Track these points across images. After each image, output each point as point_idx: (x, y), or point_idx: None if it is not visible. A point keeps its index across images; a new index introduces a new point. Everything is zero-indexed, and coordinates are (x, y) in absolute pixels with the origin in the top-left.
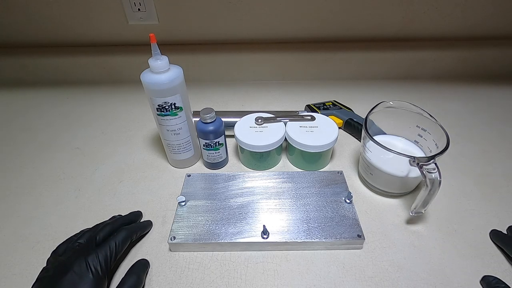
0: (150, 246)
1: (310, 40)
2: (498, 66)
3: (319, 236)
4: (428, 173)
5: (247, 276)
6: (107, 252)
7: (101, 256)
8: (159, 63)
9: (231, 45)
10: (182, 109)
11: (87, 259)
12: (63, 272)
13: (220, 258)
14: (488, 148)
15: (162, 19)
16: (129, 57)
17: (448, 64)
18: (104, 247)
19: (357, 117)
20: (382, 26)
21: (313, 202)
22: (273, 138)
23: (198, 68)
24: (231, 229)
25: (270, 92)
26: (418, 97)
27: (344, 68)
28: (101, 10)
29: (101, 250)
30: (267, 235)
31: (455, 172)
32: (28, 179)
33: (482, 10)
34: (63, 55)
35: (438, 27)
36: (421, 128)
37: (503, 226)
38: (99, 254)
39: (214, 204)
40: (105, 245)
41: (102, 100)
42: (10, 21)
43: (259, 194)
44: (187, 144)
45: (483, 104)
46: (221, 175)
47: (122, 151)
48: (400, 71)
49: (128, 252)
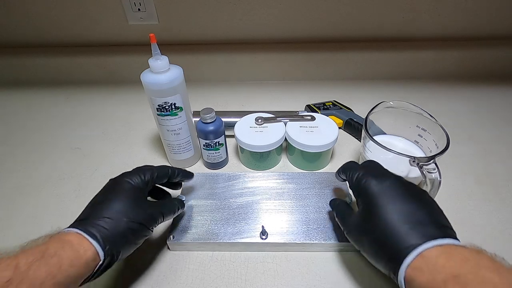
0: (149, 245)
1: (310, 40)
2: (498, 66)
3: (318, 237)
4: (428, 173)
5: (247, 276)
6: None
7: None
8: (159, 63)
9: (231, 45)
10: (182, 109)
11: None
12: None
13: (220, 258)
14: (488, 148)
15: (162, 19)
16: (129, 57)
17: (448, 64)
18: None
19: (357, 117)
20: (382, 26)
21: (313, 203)
22: (273, 138)
23: (198, 68)
24: (230, 229)
25: (270, 92)
26: (418, 97)
27: (344, 68)
28: (101, 10)
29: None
30: (266, 236)
31: (455, 172)
32: (28, 179)
33: (482, 10)
34: (63, 55)
35: (438, 27)
36: (421, 128)
37: (503, 226)
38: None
39: (214, 204)
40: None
41: (102, 100)
42: (10, 21)
43: (259, 195)
44: (187, 144)
45: (483, 104)
46: (221, 175)
47: (122, 151)
48: (400, 71)
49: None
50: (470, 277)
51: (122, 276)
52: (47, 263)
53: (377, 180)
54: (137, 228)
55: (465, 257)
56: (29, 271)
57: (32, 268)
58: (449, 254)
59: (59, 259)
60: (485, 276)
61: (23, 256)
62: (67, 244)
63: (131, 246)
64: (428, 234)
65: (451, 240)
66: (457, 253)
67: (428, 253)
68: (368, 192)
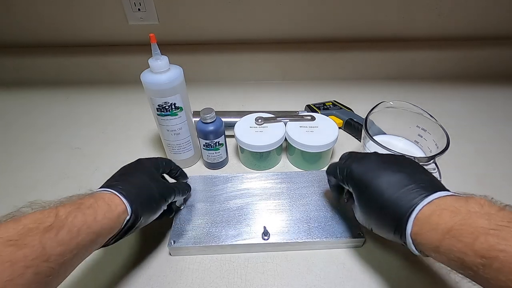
0: (150, 249)
1: (310, 40)
2: (498, 66)
3: (319, 235)
4: None
5: (247, 276)
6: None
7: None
8: (159, 63)
9: (231, 45)
10: (182, 109)
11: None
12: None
13: (220, 259)
14: (488, 148)
15: (162, 19)
16: (129, 57)
17: (448, 64)
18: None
19: (357, 117)
20: (382, 26)
21: (313, 201)
22: (273, 138)
23: (198, 68)
24: (231, 231)
25: (270, 92)
26: (418, 97)
27: (344, 68)
28: (101, 10)
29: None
30: (268, 236)
31: (455, 172)
32: (28, 179)
33: (482, 10)
34: (63, 55)
35: (438, 27)
36: (421, 128)
37: None
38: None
39: (213, 206)
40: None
41: (102, 100)
42: (10, 21)
43: (258, 195)
44: (187, 144)
45: (483, 104)
46: (219, 177)
47: (122, 151)
48: (400, 71)
49: (128, 255)
50: (462, 227)
51: (123, 276)
52: (83, 213)
53: (357, 163)
54: (157, 197)
55: (456, 208)
56: (68, 218)
57: (71, 216)
58: (440, 211)
59: (94, 211)
60: (475, 223)
61: (61, 207)
62: (100, 199)
63: (151, 212)
64: (417, 196)
65: (438, 194)
66: (448, 205)
67: (421, 215)
68: (354, 177)
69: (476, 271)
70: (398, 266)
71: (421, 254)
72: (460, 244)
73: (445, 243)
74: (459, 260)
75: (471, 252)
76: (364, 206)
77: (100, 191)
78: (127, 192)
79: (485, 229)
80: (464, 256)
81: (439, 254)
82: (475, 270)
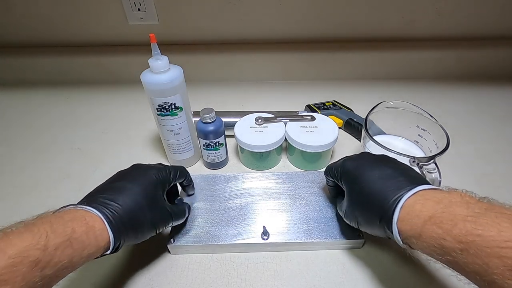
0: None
1: (310, 40)
2: (498, 66)
3: (319, 236)
4: (428, 173)
5: (247, 276)
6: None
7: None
8: (159, 63)
9: (231, 45)
10: (182, 109)
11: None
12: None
13: (220, 258)
14: (488, 148)
15: (162, 19)
16: (129, 57)
17: (448, 64)
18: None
19: (357, 117)
20: (382, 26)
21: (313, 202)
22: (273, 138)
23: (198, 68)
24: (231, 230)
25: (270, 92)
26: (418, 97)
27: (344, 68)
28: (101, 10)
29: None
30: (267, 236)
31: (455, 172)
32: (28, 179)
33: (483, 10)
34: (63, 55)
35: (438, 27)
36: (421, 128)
37: None
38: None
39: (213, 206)
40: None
41: (102, 100)
42: (10, 21)
43: (258, 195)
44: (187, 144)
45: (483, 104)
46: (220, 176)
47: (122, 151)
48: (400, 71)
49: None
50: (442, 215)
51: (123, 276)
52: (73, 249)
53: (350, 160)
54: (148, 227)
55: (438, 199)
56: (56, 252)
57: (59, 250)
58: (424, 200)
59: (82, 245)
60: (455, 211)
61: (52, 235)
62: (91, 231)
63: (135, 241)
64: (404, 186)
65: (423, 186)
66: (431, 196)
67: (407, 203)
68: (346, 171)
69: (455, 257)
70: (397, 267)
71: (406, 246)
72: (440, 230)
73: (427, 229)
74: (439, 246)
75: (450, 238)
76: (354, 198)
77: (94, 213)
78: (119, 222)
79: (463, 216)
80: (444, 242)
81: (421, 241)
82: (454, 256)
